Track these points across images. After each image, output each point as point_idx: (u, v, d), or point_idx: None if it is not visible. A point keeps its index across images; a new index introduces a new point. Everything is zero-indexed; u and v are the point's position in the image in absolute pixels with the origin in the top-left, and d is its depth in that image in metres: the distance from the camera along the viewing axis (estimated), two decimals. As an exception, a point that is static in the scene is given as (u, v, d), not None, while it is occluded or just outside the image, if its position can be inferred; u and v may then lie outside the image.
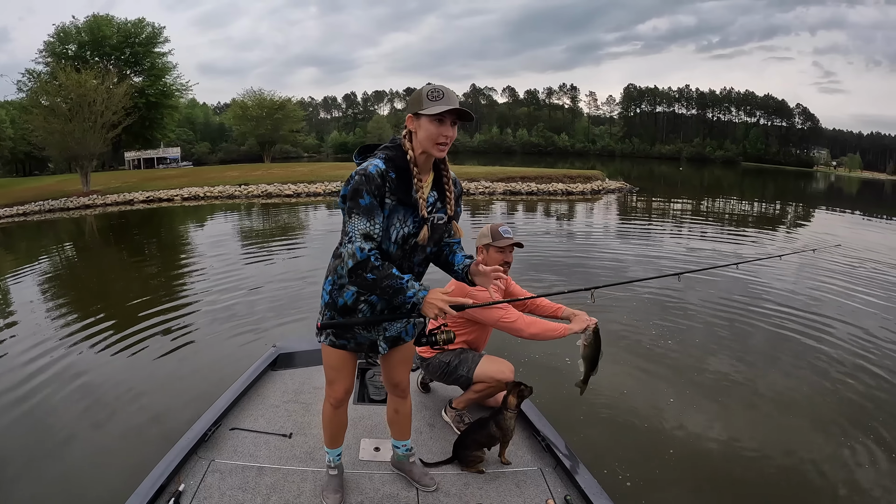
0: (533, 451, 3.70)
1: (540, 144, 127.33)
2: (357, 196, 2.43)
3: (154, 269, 13.17)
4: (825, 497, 4.26)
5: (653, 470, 4.51)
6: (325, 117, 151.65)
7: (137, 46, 53.02)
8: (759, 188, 52.60)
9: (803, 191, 55.58)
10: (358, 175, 2.44)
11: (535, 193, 30.03)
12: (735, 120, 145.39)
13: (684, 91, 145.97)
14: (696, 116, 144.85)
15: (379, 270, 2.41)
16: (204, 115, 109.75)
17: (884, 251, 15.45)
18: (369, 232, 2.43)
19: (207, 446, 3.58)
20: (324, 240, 15.88)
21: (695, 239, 16.79)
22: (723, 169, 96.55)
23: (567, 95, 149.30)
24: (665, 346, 7.24)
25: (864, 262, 13.54)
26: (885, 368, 6.67)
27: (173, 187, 31.18)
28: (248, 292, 9.99)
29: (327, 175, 34.03)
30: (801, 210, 31.71)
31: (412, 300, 2.43)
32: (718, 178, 65.42)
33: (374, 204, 2.44)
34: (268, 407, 4.20)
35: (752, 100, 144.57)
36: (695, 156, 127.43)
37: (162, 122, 57.62)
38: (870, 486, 4.37)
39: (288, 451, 3.63)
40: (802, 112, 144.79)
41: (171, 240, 18.15)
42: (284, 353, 4.98)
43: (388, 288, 2.42)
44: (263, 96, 64.64)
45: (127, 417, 5.30)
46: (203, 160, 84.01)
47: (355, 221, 2.43)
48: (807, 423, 5.36)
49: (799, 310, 8.99)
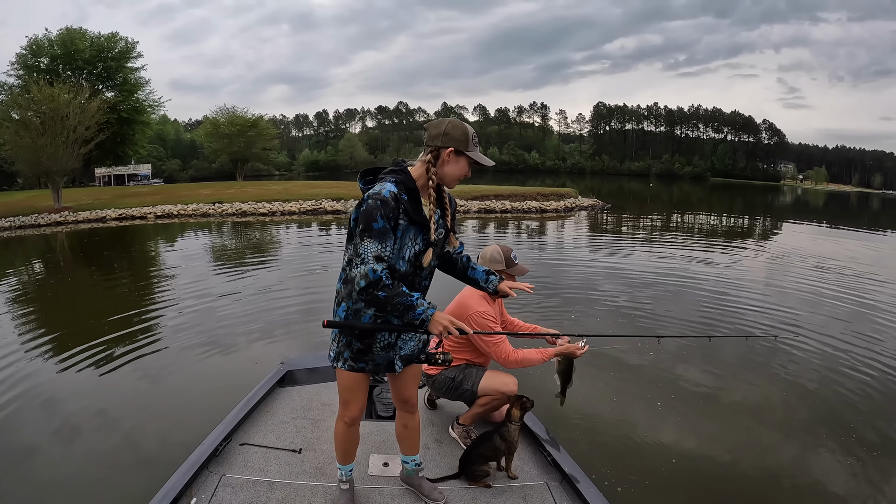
0: (539, 466, 3.74)
1: (511, 162, 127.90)
2: (370, 220, 2.51)
3: (127, 287, 12.95)
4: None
5: (656, 482, 4.59)
6: (297, 135, 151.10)
7: (110, 61, 52.18)
8: (727, 202, 53.58)
9: (771, 204, 56.97)
10: (372, 199, 2.54)
11: (509, 211, 30.30)
12: (703, 136, 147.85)
13: (653, 108, 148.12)
14: (664, 133, 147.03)
15: (390, 288, 2.51)
16: (175, 131, 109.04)
17: (849, 260, 16.02)
18: (381, 254, 2.52)
19: (218, 461, 3.61)
20: (300, 258, 15.94)
21: (667, 252, 17.18)
22: (692, 184, 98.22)
23: (537, 114, 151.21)
24: (647, 359, 7.40)
25: (831, 270, 14.05)
26: (853, 373, 7.01)
27: (146, 205, 30.83)
28: (223, 311, 9.95)
29: (302, 194, 33.95)
30: (769, 223, 32.62)
31: (421, 317, 2.58)
32: (688, 194, 66.57)
33: (386, 227, 2.53)
34: (277, 423, 4.23)
35: (720, 116, 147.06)
36: (664, 172, 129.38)
37: (133, 139, 56.79)
38: (843, 488, 4.56)
39: (298, 466, 3.65)
40: (769, 127, 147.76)
41: (147, 258, 17.85)
42: (292, 369, 5.02)
43: (399, 305, 2.54)
44: (236, 114, 64.18)
45: (99, 440, 5.26)
46: (174, 177, 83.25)
47: (367, 244, 2.51)
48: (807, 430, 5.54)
49: (767, 316, 9.38)
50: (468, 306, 3.80)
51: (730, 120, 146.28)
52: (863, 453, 5.09)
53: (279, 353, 7.39)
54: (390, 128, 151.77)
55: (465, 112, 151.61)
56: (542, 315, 9.10)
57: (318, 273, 13.56)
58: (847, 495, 4.48)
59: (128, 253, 19.46)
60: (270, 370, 4.99)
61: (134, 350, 7.79)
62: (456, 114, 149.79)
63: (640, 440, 5.25)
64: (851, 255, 18.32)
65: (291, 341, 8.14)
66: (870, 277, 13.73)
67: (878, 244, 24.41)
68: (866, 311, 10.29)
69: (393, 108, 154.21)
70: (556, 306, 9.93)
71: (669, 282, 12.44)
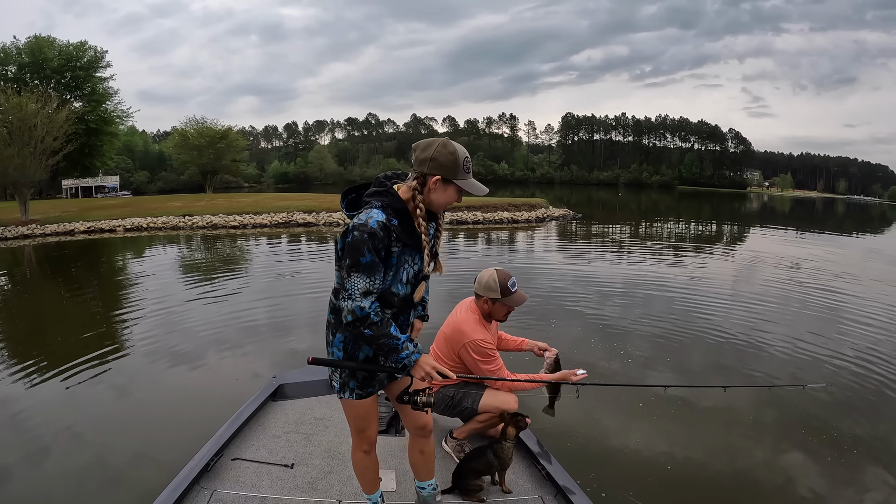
0: (533, 480, 3.73)
1: (480, 173, 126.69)
2: (356, 254, 2.38)
3: (96, 302, 12.77)
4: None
5: (645, 490, 4.63)
6: (266, 147, 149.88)
7: (79, 70, 51.10)
8: (695, 210, 54.57)
9: (738, 211, 58.04)
10: (358, 232, 2.38)
11: (481, 222, 30.47)
12: (670, 146, 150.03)
13: (621, 119, 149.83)
14: (632, 143, 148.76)
15: (377, 327, 2.43)
16: (143, 142, 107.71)
17: (822, 262, 16.65)
18: (369, 289, 2.42)
19: (210, 476, 3.58)
20: (271, 272, 15.98)
21: (637, 260, 17.53)
22: (660, 193, 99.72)
23: (506, 125, 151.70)
24: (616, 367, 7.57)
25: (798, 276, 14.51)
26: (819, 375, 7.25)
27: (115, 217, 30.43)
28: (195, 325, 9.87)
29: (273, 206, 33.77)
30: (737, 229, 33.48)
31: (404, 361, 2.53)
32: (656, 202, 67.59)
33: (375, 261, 2.41)
34: (269, 437, 4.20)
35: (687, 126, 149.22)
36: (632, 181, 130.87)
37: (101, 150, 55.74)
38: (809, 489, 4.74)
39: (290, 481, 3.62)
40: (735, 136, 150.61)
41: (116, 272, 17.61)
42: (285, 383, 5.00)
43: (384, 346, 2.48)
44: (206, 125, 63.60)
45: (63, 457, 5.19)
46: (142, 189, 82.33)
47: (355, 280, 2.40)
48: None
49: (735, 322, 9.57)
50: (464, 333, 3.75)
51: (696, 129, 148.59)
52: (833, 453, 5.31)
53: (251, 368, 7.47)
54: (360, 139, 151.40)
55: (435, 123, 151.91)
56: (522, 325, 9.16)
57: (289, 287, 13.58)
58: (824, 496, 4.65)
59: (97, 267, 19.14)
60: (245, 383, 5.08)
61: (103, 366, 7.72)
62: (426, 125, 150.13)
63: (624, 449, 5.37)
64: (819, 257, 19.09)
65: (266, 355, 8.14)
66: (838, 279, 14.49)
67: (843, 247, 25.68)
68: (831, 312, 10.87)
69: (362, 120, 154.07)
70: (536, 318, 9.98)
71: (641, 289, 12.87)
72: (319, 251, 20.90)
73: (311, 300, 11.52)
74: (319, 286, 12.54)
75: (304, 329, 9.47)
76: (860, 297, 12.47)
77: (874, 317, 10.57)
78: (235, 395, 5.82)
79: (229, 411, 4.49)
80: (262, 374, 6.90)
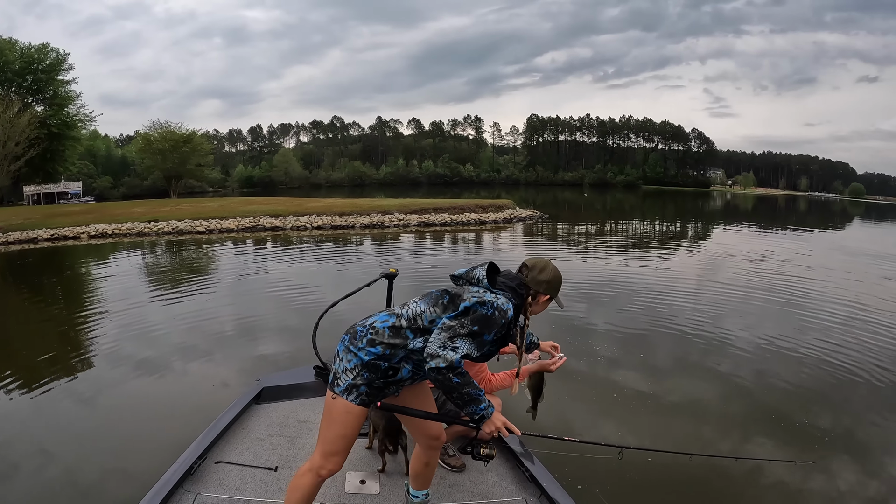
0: (517, 482, 3.77)
1: (446, 175, 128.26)
2: (486, 330, 2.61)
3: (62, 311, 12.58)
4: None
5: (635, 494, 4.76)
6: (231, 151, 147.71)
7: (41, 73, 50.01)
8: (659, 209, 55.48)
9: (702, 209, 59.16)
10: (499, 314, 2.63)
11: (448, 224, 30.74)
12: (634, 146, 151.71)
13: (585, 120, 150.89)
14: (597, 144, 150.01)
15: (464, 377, 2.52)
16: (106, 147, 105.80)
17: (777, 260, 17.41)
18: (470, 354, 2.57)
19: (193, 479, 3.56)
20: (239, 276, 15.97)
21: (603, 256, 17.93)
22: (624, 192, 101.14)
23: (471, 126, 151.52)
24: (585, 365, 7.84)
25: (760, 271, 15.14)
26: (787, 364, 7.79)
27: (79, 224, 29.92)
28: (165, 332, 9.80)
29: (239, 211, 33.62)
30: (701, 227, 34.36)
31: (482, 413, 2.62)
32: (620, 202, 68.54)
33: (492, 342, 2.67)
34: (253, 440, 4.20)
35: (650, 126, 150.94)
36: (597, 181, 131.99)
37: (64, 155, 54.89)
38: (773, 479, 5.01)
39: (274, 484, 3.61)
40: (698, 136, 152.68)
41: (81, 280, 17.39)
42: (269, 386, 4.99)
43: (466, 395, 2.56)
44: (170, 129, 62.86)
45: (32, 473, 5.04)
46: (105, 195, 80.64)
47: (468, 343, 2.57)
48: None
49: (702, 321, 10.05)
50: None
51: (660, 129, 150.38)
52: (801, 443, 5.64)
53: (221, 375, 7.49)
54: (325, 142, 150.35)
55: (400, 126, 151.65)
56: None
57: (257, 291, 13.66)
58: (793, 487, 4.92)
59: (62, 275, 18.88)
60: (218, 390, 4.97)
61: (69, 376, 7.58)
62: (391, 128, 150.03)
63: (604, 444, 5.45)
64: (782, 252, 19.92)
65: (234, 361, 8.15)
66: (799, 270, 15.54)
67: (806, 241, 27.28)
68: (794, 305, 11.59)
69: (327, 123, 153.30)
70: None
71: (607, 286, 13.37)
72: (287, 255, 21.00)
73: (280, 303, 11.69)
74: (289, 289, 12.80)
75: (271, 333, 9.60)
76: (822, 290, 13.23)
77: (836, 312, 11.17)
78: (207, 402, 5.95)
79: (200, 418, 4.50)
80: (229, 383, 7.01)
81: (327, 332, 4.44)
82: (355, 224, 30.21)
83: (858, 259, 20.74)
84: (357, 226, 29.96)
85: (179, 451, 3.78)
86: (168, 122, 65.04)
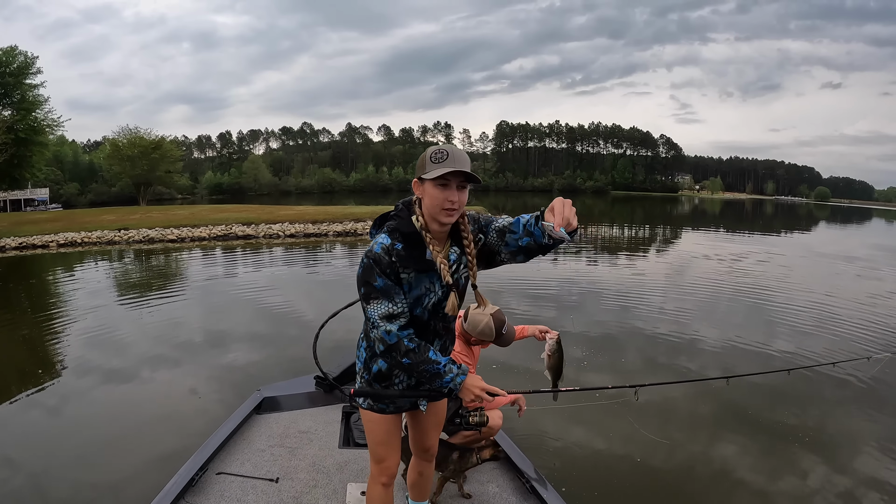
0: (518, 493, 3.75)
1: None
2: (370, 280, 2.30)
3: (31, 322, 12.10)
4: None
5: (622, 493, 4.88)
6: (200, 157, 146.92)
7: (8, 76, 49.13)
8: (628, 214, 56.31)
9: (670, 213, 60.11)
10: (366, 258, 2.31)
11: (420, 230, 30.64)
12: (603, 152, 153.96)
13: (554, 126, 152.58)
14: (566, 150, 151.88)
15: (414, 354, 2.32)
16: (73, 153, 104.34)
17: (743, 262, 18.35)
18: (391, 312, 2.31)
19: (195, 491, 3.58)
20: (212, 284, 15.99)
21: (573, 260, 18.13)
22: (594, 198, 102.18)
23: (442, 133, 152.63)
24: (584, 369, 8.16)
25: (729, 270, 16.16)
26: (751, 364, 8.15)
27: (47, 232, 29.61)
28: (138, 341, 9.75)
29: (210, 218, 33.48)
30: (670, 231, 35.32)
31: (449, 385, 2.38)
32: (590, 207, 69.16)
33: (389, 284, 2.31)
34: (254, 451, 4.20)
35: (619, 132, 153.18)
36: (566, 187, 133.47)
37: (31, 161, 54.00)
38: (745, 474, 5.26)
39: (275, 495, 3.61)
40: (666, 142, 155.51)
41: (51, 290, 16.94)
42: (269, 396, 4.99)
43: (425, 373, 2.35)
44: (139, 135, 62.21)
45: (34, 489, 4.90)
46: (72, 202, 79.87)
47: (374, 306, 2.31)
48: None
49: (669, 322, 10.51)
50: None
51: (629, 136, 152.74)
52: (765, 439, 5.92)
53: (193, 385, 7.49)
54: (294, 149, 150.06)
55: (370, 132, 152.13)
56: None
57: (230, 299, 13.70)
58: (765, 484, 5.08)
59: (31, 284, 18.59)
60: (194, 402, 5.01)
61: (39, 390, 7.43)
62: (361, 134, 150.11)
63: (618, 461, 5.52)
64: (749, 254, 20.57)
65: (210, 370, 8.14)
66: (767, 272, 16.33)
67: (772, 244, 28.08)
68: (760, 305, 12.21)
69: (297, 129, 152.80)
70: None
71: (576, 289, 13.72)
72: (257, 263, 21.06)
73: (254, 312, 11.81)
74: (258, 295, 12.94)
75: (243, 343, 9.63)
76: (787, 290, 13.84)
77: (802, 309, 11.79)
78: (187, 412, 6.13)
79: (185, 429, 4.63)
80: (200, 391, 7.12)
81: (322, 341, 4.64)
82: (328, 232, 30.32)
83: (826, 260, 21.86)
84: (330, 233, 30.04)
85: (155, 467, 3.88)
86: (137, 127, 64.17)
